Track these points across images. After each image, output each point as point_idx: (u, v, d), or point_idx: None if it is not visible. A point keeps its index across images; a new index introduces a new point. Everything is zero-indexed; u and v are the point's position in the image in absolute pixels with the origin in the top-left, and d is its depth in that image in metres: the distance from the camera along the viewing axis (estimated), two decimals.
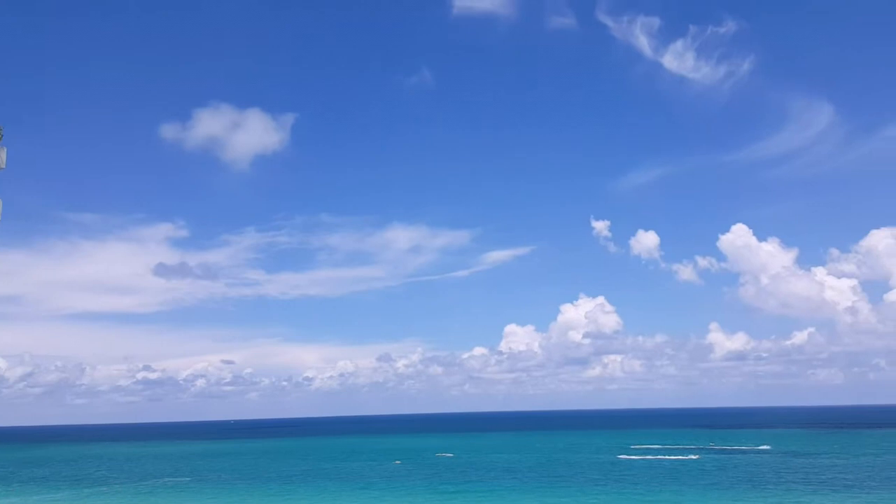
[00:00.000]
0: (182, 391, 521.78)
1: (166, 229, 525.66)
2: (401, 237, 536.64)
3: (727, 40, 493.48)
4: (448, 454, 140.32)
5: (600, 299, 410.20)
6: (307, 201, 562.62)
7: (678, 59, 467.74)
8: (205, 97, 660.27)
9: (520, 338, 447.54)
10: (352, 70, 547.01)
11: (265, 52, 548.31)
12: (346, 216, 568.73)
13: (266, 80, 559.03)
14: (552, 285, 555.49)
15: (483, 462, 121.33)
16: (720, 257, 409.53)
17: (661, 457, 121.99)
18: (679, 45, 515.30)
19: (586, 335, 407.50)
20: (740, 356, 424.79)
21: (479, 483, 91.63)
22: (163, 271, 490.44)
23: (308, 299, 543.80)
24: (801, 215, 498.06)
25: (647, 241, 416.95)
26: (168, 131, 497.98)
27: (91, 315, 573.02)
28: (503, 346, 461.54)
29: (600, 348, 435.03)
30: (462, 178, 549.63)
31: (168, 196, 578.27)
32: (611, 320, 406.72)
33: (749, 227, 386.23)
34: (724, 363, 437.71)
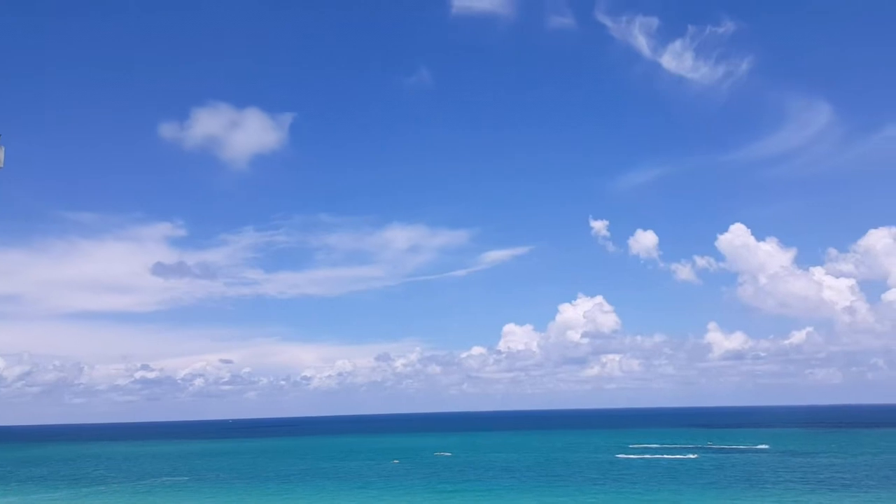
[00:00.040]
0: (180, 390, 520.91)
1: (164, 228, 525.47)
2: (399, 237, 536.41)
3: (726, 40, 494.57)
4: (446, 453, 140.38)
5: (599, 299, 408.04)
6: (306, 201, 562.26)
7: (677, 59, 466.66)
8: (203, 96, 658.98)
9: (518, 337, 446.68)
10: (350, 69, 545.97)
11: (264, 52, 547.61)
12: (344, 216, 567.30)
13: (264, 79, 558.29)
14: (551, 285, 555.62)
15: (481, 461, 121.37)
16: (718, 257, 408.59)
17: (659, 456, 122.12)
18: (678, 45, 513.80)
19: (585, 335, 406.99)
20: (738, 356, 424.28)
21: (477, 482, 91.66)
22: (161, 270, 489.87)
23: (306, 299, 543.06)
24: (800, 215, 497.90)
25: (645, 240, 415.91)
26: (166, 130, 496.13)
27: (89, 314, 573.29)
28: (501, 346, 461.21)
29: (598, 348, 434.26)
30: (461, 177, 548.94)
31: (166, 195, 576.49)
32: (609, 320, 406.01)
33: (747, 227, 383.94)
34: (722, 363, 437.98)
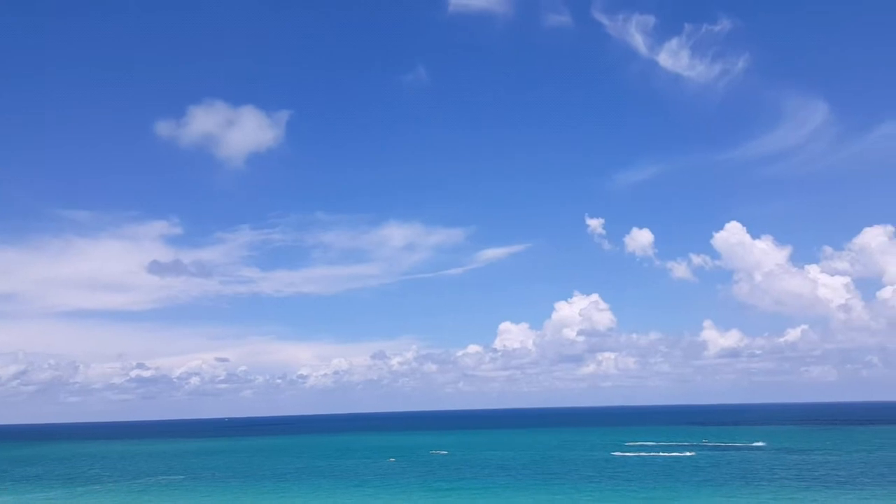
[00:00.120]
0: (176, 389, 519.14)
1: (160, 227, 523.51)
2: (396, 235, 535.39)
3: (722, 38, 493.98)
4: (442, 452, 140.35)
5: (594, 297, 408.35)
6: (302, 199, 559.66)
7: (673, 58, 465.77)
8: (199, 94, 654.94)
9: (514, 335, 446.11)
10: (347, 68, 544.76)
11: (260, 50, 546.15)
12: (340, 214, 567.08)
13: (261, 77, 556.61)
14: (546, 283, 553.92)
15: (477, 459, 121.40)
16: (714, 255, 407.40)
17: (655, 454, 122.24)
18: (674, 43, 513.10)
19: (580, 333, 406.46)
20: (734, 353, 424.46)
21: (473, 480, 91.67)
22: (157, 269, 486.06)
23: (302, 297, 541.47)
24: (795, 213, 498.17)
25: (641, 238, 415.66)
26: (162, 128, 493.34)
27: (85, 313, 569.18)
28: (497, 344, 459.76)
29: (594, 346, 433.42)
30: (457, 175, 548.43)
31: (162, 193, 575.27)
32: (605, 318, 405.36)
33: (743, 225, 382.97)
34: (717, 360, 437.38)
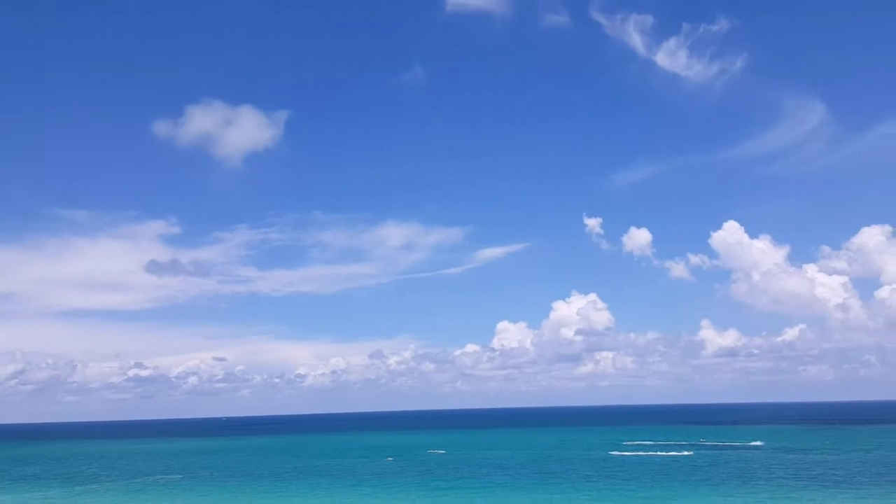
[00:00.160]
0: (174, 388, 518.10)
1: (158, 226, 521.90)
2: (393, 234, 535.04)
3: (720, 38, 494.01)
4: (440, 451, 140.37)
5: (592, 296, 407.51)
6: (300, 198, 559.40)
7: (671, 57, 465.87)
8: (197, 94, 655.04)
9: (512, 335, 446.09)
10: (345, 67, 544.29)
11: (258, 50, 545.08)
12: (338, 213, 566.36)
13: (259, 77, 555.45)
14: (544, 282, 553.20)
15: (475, 459, 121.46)
16: (712, 254, 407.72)
17: (652, 453, 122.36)
18: (672, 42, 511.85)
19: (578, 332, 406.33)
20: (731, 353, 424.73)
21: (470, 479, 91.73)
22: (155, 268, 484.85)
23: (300, 296, 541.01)
24: (793, 213, 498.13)
25: (639, 238, 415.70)
26: (160, 128, 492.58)
27: (83, 312, 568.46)
28: (495, 343, 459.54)
29: (592, 345, 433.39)
30: (455, 175, 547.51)
31: (160, 193, 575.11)
32: (603, 317, 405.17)
33: (741, 225, 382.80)
34: (715, 360, 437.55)
